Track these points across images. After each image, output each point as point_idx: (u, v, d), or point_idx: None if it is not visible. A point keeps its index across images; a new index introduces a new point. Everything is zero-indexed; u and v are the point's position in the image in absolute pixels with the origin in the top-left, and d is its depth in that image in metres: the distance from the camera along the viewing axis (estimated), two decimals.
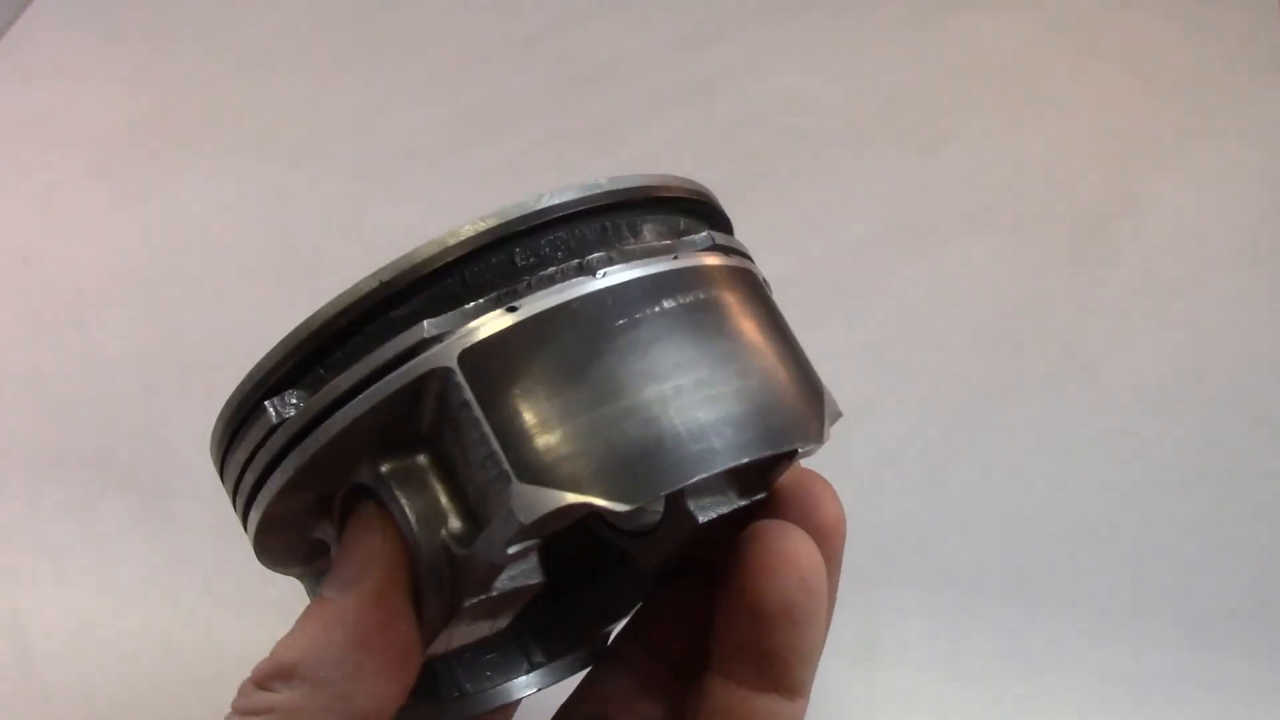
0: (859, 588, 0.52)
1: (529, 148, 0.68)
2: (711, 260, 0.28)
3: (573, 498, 0.24)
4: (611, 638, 0.35)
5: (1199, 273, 0.60)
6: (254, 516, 0.28)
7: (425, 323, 0.25)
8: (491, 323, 0.25)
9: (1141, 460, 0.53)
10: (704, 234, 0.28)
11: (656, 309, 0.26)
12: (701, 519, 0.28)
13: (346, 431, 0.25)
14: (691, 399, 0.25)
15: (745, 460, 0.25)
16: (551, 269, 0.26)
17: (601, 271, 0.26)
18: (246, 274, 0.61)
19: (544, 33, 0.74)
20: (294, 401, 0.26)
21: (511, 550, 0.24)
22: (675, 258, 0.27)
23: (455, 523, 0.25)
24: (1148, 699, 0.46)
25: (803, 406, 0.27)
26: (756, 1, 0.76)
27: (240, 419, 0.27)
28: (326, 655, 0.26)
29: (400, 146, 0.68)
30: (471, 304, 0.25)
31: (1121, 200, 0.63)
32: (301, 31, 0.76)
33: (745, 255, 0.30)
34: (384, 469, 0.26)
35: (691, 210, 0.29)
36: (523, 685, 0.33)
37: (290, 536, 0.29)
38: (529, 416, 0.24)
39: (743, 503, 0.28)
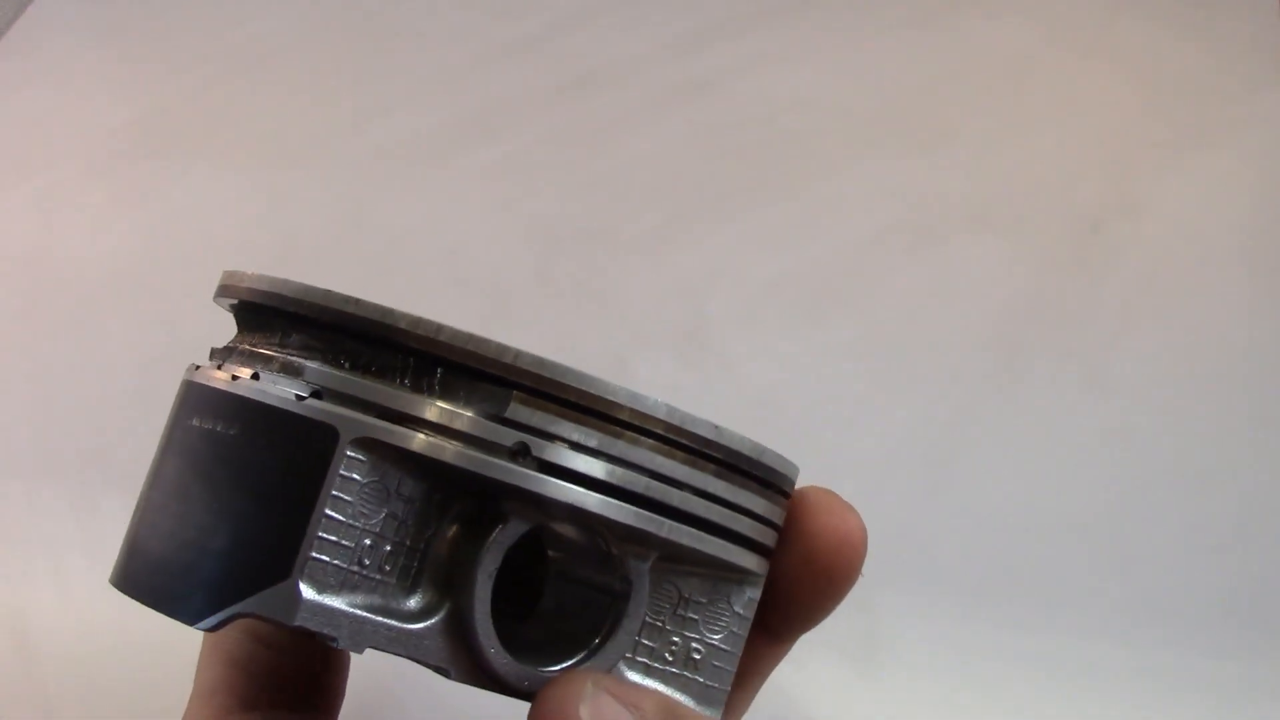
0: (859, 588, 0.52)
1: (528, 148, 0.67)
2: (249, 392, 0.25)
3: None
4: None
5: (1199, 273, 0.60)
6: None
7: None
8: None
9: (1141, 460, 0.53)
10: (316, 368, 0.24)
11: (193, 421, 0.26)
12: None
13: None
14: (150, 519, 0.26)
15: (136, 600, 0.25)
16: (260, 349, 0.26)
17: (213, 365, 0.26)
18: None
19: (543, 33, 0.74)
20: None
21: None
22: (234, 379, 0.25)
23: None
24: (1147, 699, 0.46)
25: (195, 582, 0.25)
26: (756, 1, 0.76)
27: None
28: None
29: (400, 146, 0.68)
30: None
31: (1121, 200, 0.63)
32: (300, 33, 0.76)
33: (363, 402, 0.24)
34: None
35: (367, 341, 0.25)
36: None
37: None
38: None
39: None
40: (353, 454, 0.23)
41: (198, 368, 0.27)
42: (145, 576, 0.25)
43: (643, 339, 0.59)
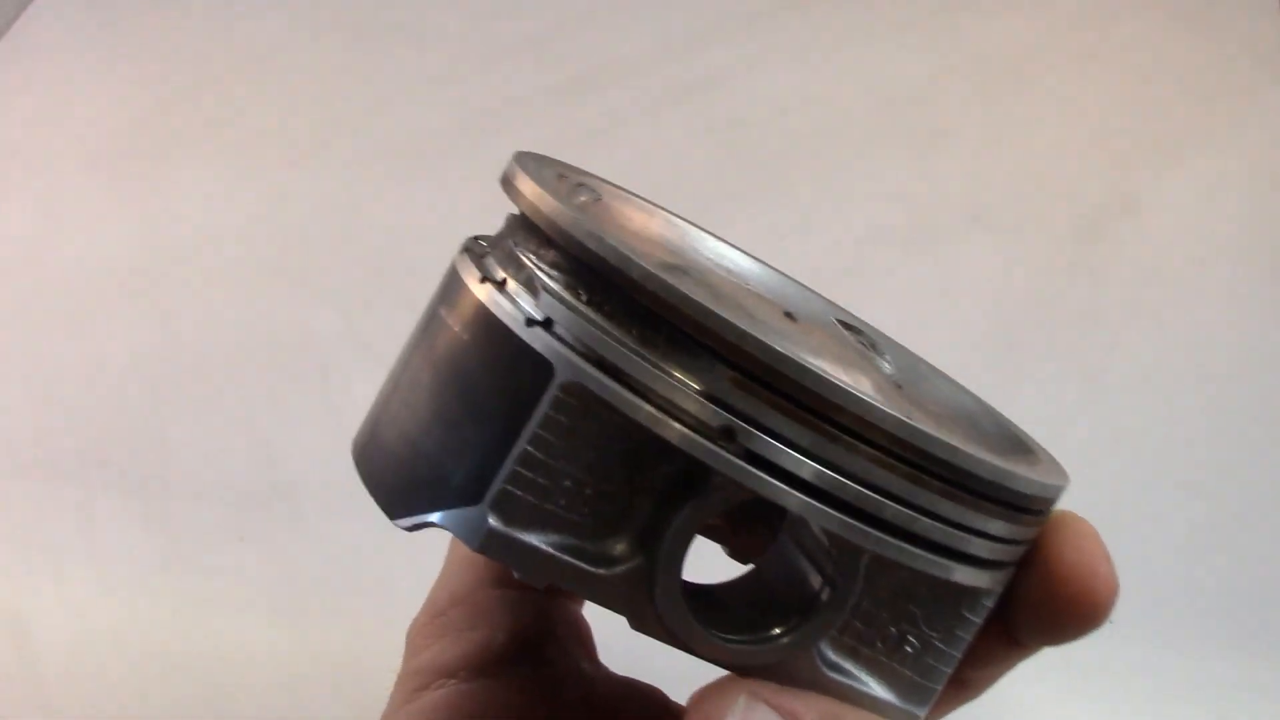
0: None
1: (528, 148, 0.67)
2: (487, 301, 0.24)
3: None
4: None
5: (1199, 273, 0.60)
6: None
7: None
8: None
9: (1141, 460, 0.53)
10: (542, 273, 0.24)
11: (441, 311, 0.25)
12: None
13: None
14: (388, 399, 0.25)
15: (374, 500, 0.24)
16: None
17: (479, 251, 0.26)
18: (246, 274, 0.60)
19: (544, 33, 0.74)
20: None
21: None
22: (481, 281, 0.25)
23: None
24: (1148, 699, 0.46)
25: (403, 478, 0.24)
26: (756, 1, 0.76)
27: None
28: None
29: (400, 146, 0.68)
30: None
31: (1121, 200, 0.63)
32: (301, 32, 0.76)
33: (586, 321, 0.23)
34: None
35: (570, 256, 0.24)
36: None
37: None
38: None
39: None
40: (564, 396, 0.22)
41: (469, 248, 0.26)
42: (370, 457, 0.25)
43: None
